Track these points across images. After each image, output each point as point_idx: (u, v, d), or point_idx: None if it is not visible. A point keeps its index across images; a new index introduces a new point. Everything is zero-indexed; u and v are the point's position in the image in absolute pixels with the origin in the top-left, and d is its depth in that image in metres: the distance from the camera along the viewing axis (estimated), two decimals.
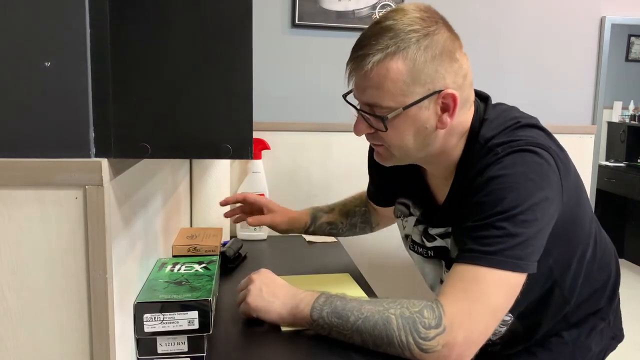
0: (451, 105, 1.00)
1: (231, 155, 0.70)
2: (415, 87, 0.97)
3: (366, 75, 0.98)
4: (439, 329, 0.92)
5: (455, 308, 0.93)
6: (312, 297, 1.01)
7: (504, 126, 1.04)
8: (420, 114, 1.00)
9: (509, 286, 0.95)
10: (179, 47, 0.68)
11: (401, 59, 0.96)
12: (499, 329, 1.17)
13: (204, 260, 1.12)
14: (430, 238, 1.16)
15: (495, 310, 0.95)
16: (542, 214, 0.96)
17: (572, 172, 1.09)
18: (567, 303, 1.15)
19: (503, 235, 0.94)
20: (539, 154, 0.99)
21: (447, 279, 0.98)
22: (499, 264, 0.93)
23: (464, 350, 0.93)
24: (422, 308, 0.94)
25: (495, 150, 1.00)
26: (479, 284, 0.94)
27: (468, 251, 0.96)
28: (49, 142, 0.65)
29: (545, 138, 1.05)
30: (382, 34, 0.97)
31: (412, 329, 0.93)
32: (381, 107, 0.99)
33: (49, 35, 0.63)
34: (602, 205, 3.66)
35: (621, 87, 4.43)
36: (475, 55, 1.95)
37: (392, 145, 1.04)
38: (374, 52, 0.96)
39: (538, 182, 0.97)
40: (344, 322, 0.97)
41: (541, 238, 0.98)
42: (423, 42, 0.97)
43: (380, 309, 0.96)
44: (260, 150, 1.78)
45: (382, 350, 0.96)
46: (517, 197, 0.95)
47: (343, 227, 1.48)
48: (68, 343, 0.68)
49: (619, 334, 1.28)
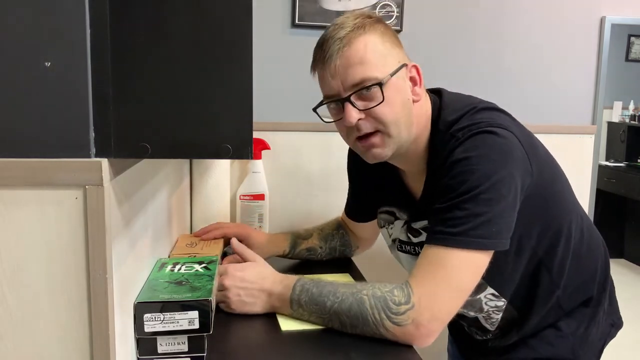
0: (417, 78, 1.10)
1: (231, 155, 0.70)
2: (389, 59, 1.06)
3: (347, 55, 1.04)
4: (408, 305, 0.98)
5: (423, 289, 0.99)
6: (288, 291, 1.07)
7: (462, 111, 1.09)
8: (400, 84, 1.07)
9: (475, 265, 1.00)
10: (179, 47, 0.68)
11: (371, 34, 1.05)
12: (496, 316, 1.19)
13: (204, 260, 1.12)
14: (415, 233, 1.19)
15: (461, 289, 1.01)
16: (507, 190, 1.00)
17: (541, 150, 1.13)
18: (557, 286, 1.16)
19: (467, 216, 0.98)
20: (498, 134, 1.03)
21: (417, 261, 1.03)
22: (464, 244, 0.98)
23: (431, 328, 0.99)
24: (392, 288, 1.00)
25: (457, 135, 1.05)
26: (445, 265, 0.99)
27: (435, 233, 1.01)
28: (49, 142, 0.65)
29: (504, 118, 1.09)
30: (341, 28, 1.05)
31: (384, 306, 0.99)
32: (369, 79, 1.04)
33: (49, 35, 0.63)
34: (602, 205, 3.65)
35: (621, 87, 4.43)
36: (476, 55, 1.96)
37: (387, 121, 1.06)
38: (344, 36, 1.04)
39: (500, 161, 1.01)
40: (321, 307, 1.03)
41: (508, 215, 1.02)
42: (379, 25, 1.07)
43: (354, 291, 1.02)
44: (260, 150, 1.77)
45: (360, 331, 1.01)
46: (479, 177, 0.99)
47: (322, 251, 1.48)
48: (68, 343, 0.68)
49: (617, 321, 1.30)
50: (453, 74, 1.89)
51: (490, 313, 1.19)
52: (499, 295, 1.15)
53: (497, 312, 1.19)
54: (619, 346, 1.29)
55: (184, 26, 0.68)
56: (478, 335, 1.27)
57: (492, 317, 1.20)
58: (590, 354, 1.23)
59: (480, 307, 1.18)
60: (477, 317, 1.22)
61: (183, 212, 1.55)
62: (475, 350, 1.31)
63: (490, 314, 1.19)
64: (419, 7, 1.82)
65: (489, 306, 1.17)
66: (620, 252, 4.41)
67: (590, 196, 2.09)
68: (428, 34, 1.85)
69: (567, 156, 2.01)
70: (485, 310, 1.19)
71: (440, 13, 1.93)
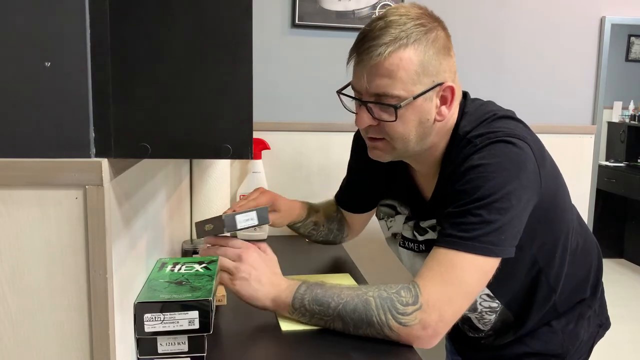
0: (449, 97, 1.06)
1: (231, 155, 0.70)
2: (424, 78, 1.02)
3: (378, 64, 1.01)
4: (416, 306, 0.98)
5: (431, 289, 0.99)
6: (294, 287, 1.06)
7: (481, 119, 1.09)
8: (425, 105, 1.04)
9: (483, 270, 1.01)
10: (179, 47, 0.68)
11: (413, 50, 1.00)
12: (488, 317, 1.20)
13: (204, 260, 1.12)
14: (422, 231, 1.19)
15: (468, 292, 1.02)
16: (517, 201, 1.01)
17: (548, 161, 1.14)
18: (554, 292, 1.18)
19: (479, 222, 0.99)
20: (515, 144, 1.03)
21: (426, 262, 1.03)
22: (474, 249, 0.99)
23: (437, 330, 0.99)
24: (399, 289, 1.00)
25: (474, 142, 1.05)
26: (455, 268, 0.99)
27: (447, 236, 1.01)
28: (49, 142, 0.65)
29: (521, 129, 1.10)
30: (390, 27, 1.01)
31: (391, 306, 0.98)
32: (391, 96, 1.02)
33: (49, 35, 0.63)
34: (602, 205, 3.66)
35: (621, 87, 4.43)
36: (476, 55, 1.96)
37: (395, 137, 1.06)
38: (387, 42, 1.00)
39: (514, 171, 1.01)
40: (325, 308, 1.02)
41: (516, 224, 1.03)
42: (430, 35, 1.02)
43: (359, 293, 1.01)
44: (260, 150, 1.77)
45: (362, 333, 1.01)
46: (493, 185, 1.00)
47: (323, 230, 1.48)
48: (68, 343, 0.68)
49: (605, 322, 1.33)
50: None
51: (484, 314, 1.20)
52: (494, 296, 1.16)
53: (490, 314, 1.20)
54: (619, 345, 1.30)
55: (184, 26, 0.68)
56: (470, 333, 1.28)
57: (485, 318, 1.21)
58: (579, 351, 1.25)
59: (474, 307, 1.18)
60: (470, 317, 1.22)
61: (183, 212, 1.55)
62: (468, 345, 1.32)
63: (484, 315, 1.20)
64: None
65: (483, 307, 1.18)
66: (620, 252, 4.41)
67: (590, 196, 2.09)
68: None
69: (567, 156, 2.02)
70: (479, 310, 1.19)
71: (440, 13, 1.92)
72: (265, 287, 1.06)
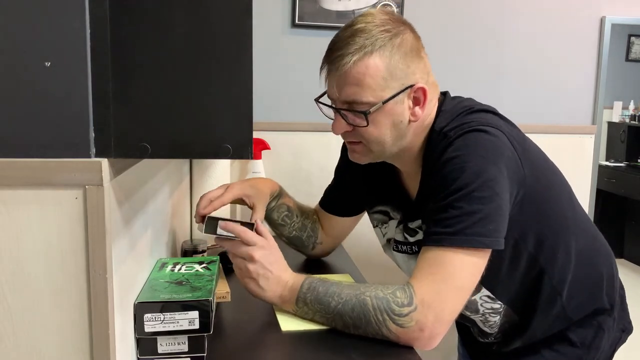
0: (422, 98, 1.07)
1: (231, 155, 0.70)
2: (392, 82, 1.04)
3: (346, 73, 1.03)
4: (411, 307, 0.98)
5: (424, 290, 0.99)
6: (298, 284, 1.07)
7: (456, 113, 1.10)
8: (396, 108, 1.06)
9: (473, 264, 1.00)
10: (179, 47, 0.68)
11: (378, 56, 1.02)
12: (493, 319, 1.19)
13: (204, 260, 1.12)
14: (411, 232, 1.19)
15: (462, 288, 1.01)
16: (500, 188, 1.00)
17: (534, 151, 1.13)
18: (559, 294, 1.16)
19: (461, 215, 0.98)
20: (488, 131, 1.03)
21: (417, 263, 1.03)
22: (461, 243, 0.98)
23: (434, 330, 0.98)
24: (394, 290, 1.00)
25: (449, 135, 1.06)
26: (444, 265, 0.99)
27: (431, 234, 1.01)
28: (49, 142, 0.65)
29: (497, 119, 1.10)
30: (356, 35, 1.03)
31: (387, 307, 0.99)
32: (361, 102, 1.04)
33: (49, 35, 0.63)
34: (602, 205, 3.66)
35: (621, 87, 4.43)
36: (476, 55, 1.96)
37: (370, 140, 1.09)
38: (352, 52, 1.02)
39: (489, 158, 1.01)
40: (326, 307, 1.03)
41: (502, 213, 1.01)
42: (395, 40, 1.04)
43: (357, 293, 1.02)
44: (260, 150, 1.78)
45: (363, 332, 1.01)
46: (469, 175, 0.99)
47: (296, 221, 1.41)
48: (68, 343, 0.68)
49: (627, 326, 1.29)
50: (453, 74, 1.89)
51: (487, 315, 1.19)
52: (494, 297, 1.15)
53: (494, 315, 1.19)
54: (623, 347, 1.29)
55: (184, 26, 0.68)
56: (480, 338, 1.27)
57: (490, 320, 1.20)
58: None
59: (476, 308, 1.18)
60: (475, 320, 1.22)
61: (183, 212, 1.55)
62: (482, 352, 1.31)
63: (488, 317, 1.19)
64: (419, 7, 1.82)
65: (485, 308, 1.18)
66: (620, 252, 4.40)
67: (590, 196, 2.10)
68: (428, 33, 1.84)
69: (567, 156, 2.02)
70: (481, 312, 1.19)
71: (440, 13, 1.93)
72: (272, 286, 1.08)
